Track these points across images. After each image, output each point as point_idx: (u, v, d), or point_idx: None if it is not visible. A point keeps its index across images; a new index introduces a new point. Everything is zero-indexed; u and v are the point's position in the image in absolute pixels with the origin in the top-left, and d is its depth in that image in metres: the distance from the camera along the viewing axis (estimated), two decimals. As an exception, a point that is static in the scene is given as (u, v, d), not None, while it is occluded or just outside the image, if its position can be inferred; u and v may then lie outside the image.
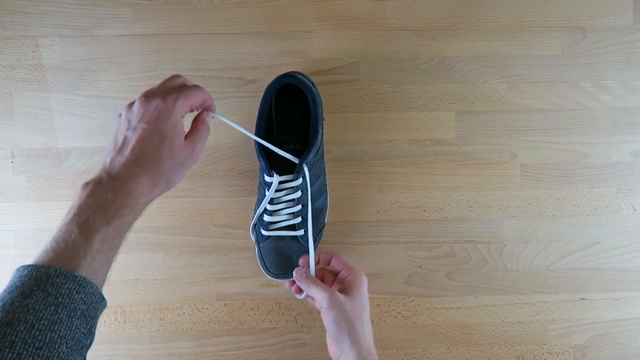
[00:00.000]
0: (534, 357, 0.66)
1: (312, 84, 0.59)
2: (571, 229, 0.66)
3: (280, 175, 0.56)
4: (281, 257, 0.60)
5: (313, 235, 0.60)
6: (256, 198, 0.63)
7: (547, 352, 0.66)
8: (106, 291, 0.65)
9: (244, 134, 0.52)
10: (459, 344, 0.66)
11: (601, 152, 0.66)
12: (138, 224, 0.64)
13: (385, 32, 0.64)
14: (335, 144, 0.65)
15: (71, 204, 0.39)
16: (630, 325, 0.66)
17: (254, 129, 0.57)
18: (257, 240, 0.62)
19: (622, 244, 0.66)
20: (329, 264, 0.54)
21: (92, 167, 0.64)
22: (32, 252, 0.64)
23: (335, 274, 0.54)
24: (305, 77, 0.59)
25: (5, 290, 0.35)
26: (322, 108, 0.59)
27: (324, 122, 0.61)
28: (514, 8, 0.64)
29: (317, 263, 0.54)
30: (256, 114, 0.58)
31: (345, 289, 0.50)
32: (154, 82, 0.64)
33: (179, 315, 0.65)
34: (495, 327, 0.66)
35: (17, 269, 0.37)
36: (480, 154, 0.65)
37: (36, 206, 0.65)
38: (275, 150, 0.54)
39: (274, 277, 0.61)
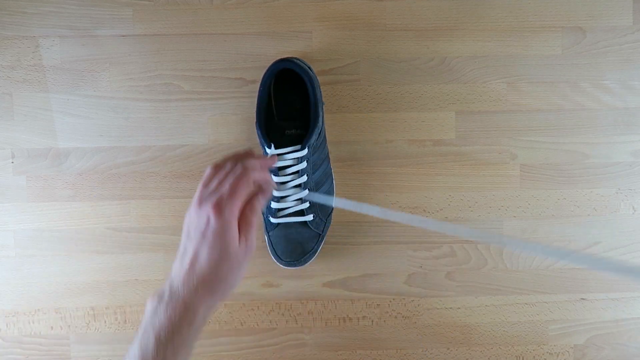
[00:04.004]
0: (534, 357, 0.66)
1: (309, 67, 0.59)
2: (571, 229, 0.66)
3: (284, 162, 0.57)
4: (291, 244, 0.60)
5: (322, 220, 0.61)
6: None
7: (547, 352, 0.66)
8: (106, 292, 0.65)
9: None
10: (459, 344, 0.66)
11: (601, 152, 0.66)
12: (139, 225, 0.65)
13: (385, 32, 0.64)
14: (335, 144, 0.65)
15: (142, 317, 0.42)
16: (630, 325, 0.66)
17: (254, 116, 0.58)
18: (266, 229, 0.62)
19: (622, 244, 0.66)
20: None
21: (92, 167, 0.64)
22: (32, 252, 0.64)
23: None
24: (301, 61, 0.59)
25: None
26: (320, 91, 0.60)
27: (323, 105, 0.61)
28: (514, 8, 0.64)
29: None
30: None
31: None
32: (154, 82, 0.64)
33: (179, 315, 0.65)
34: (495, 327, 0.66)
35: None
36: (480, 154, 0.65)
37: (36, 206, 0.65)
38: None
39: (286, 265, 0.61)
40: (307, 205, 0.59)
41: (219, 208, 0.42)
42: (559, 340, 0.66)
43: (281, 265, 0.62)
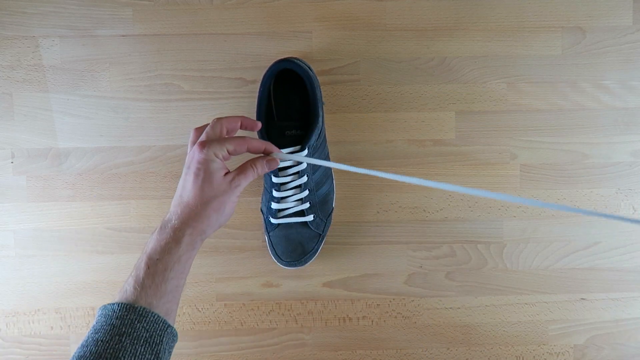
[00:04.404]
0: (534, 357, 0.66)
1: (309, 67, 0.59)
2: (571, 229, 0.66)
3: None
4: (292, 244, 0.61)
5: (322, 220, 0.61)
6: (262, 192, 0.63)
7: (547, 352, 0.66)
8: (106, 292, 0.65)
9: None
10: (459, 344, 0.66)
11: (601, 152, 0.66)
12: (138, 225, 0.65)
13: (385, 32, 0.64)
14: (336, 144, 0.65)
15: None
16: (630, 325, 0.66)
17: (254, 117, 0.58)
18: (266, 230, 0.62)
19: (622, 244, 0.66)
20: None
21: (92, 167, 0.64)
22: (32, 252, 0.64)
23: None
24: (301, 61, 0.59)
25: (89, 331, 0.42)
26: (320, 91, 0.60)
27: (323, 105, 0.61)
28: (514, 8, 0.64)
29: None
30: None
31: None
32: (154, 82, 0.64)
33: (179, 315, 0.65)
34: (495, 327, 0.66)
35: (97, 311, 0.43)
36: (480, 154, 0.65)
37: (36, 206, 0.65)
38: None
39: (286, 266, 0.61)
40: (307, 205, 0.59)
41: (203, 144, 0.47)
42: (559, 340, 0.66)
43: (281, 265, 0.62)
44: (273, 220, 0.60)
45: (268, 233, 0.62)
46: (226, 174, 0.48)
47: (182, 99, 0.64)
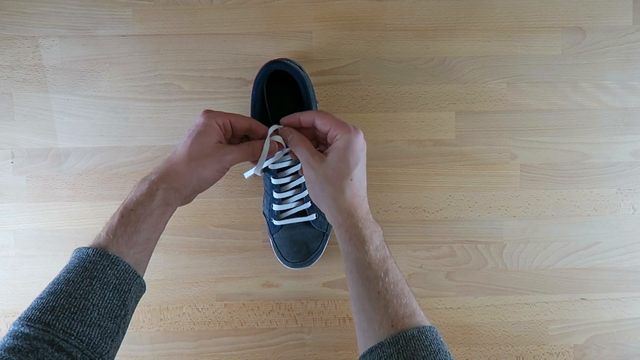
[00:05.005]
0: (534, 357, 0.66)
1: (300, 67, 0.59)
2: (571, 229, 0.66)
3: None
4: (296, 245, 0.60)
5: (324, 221, 0.61)
6: (263, 196, 0.63)
7: (547, 352, 0.66)
8: (106, 291, 0.65)
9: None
10: (459, 344, 0.66)
11: (601, 152, 0.66)
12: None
13: (385, 32, 0.64)
14: (335, 144, 0.65)
15: None
16: (630, 325, 0.66)
17: None
18: (270, 232, 0.62)
19: (622, 244, 0.66)
20: (313, 124, 0.51)
21: (92, 167, 0.64)
22: (32, 252, 0.64)
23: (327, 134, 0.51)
24: (291, 61, 0.58)
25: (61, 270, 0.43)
26: (313, 90, 0.59)
27: (317, 104, 0.61)
28: (514, 8, 0.64)
29: (298, 123, 0.52)
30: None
31: (329, 150, 0.49)
32: (154, 82, 0.64)
33: (179, 315, 0.65)
34: (495, 327, 0.66)
35: (72, 252, 0.44)
36: (480, 154, 0.65)
37: (36, 206, 0.65)
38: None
39: (292, 267, 0.61)
40: (308, 205, 0.59)
41: (207, 111, 0.49)
42: (559, 340, 0.66)
43: (288, 267, 0.61)
44: (276, 222, 0.59)
45: (272, 235, 0.62)
46: (221, 143, 0.49)
47: (182, 99, 0.64)
